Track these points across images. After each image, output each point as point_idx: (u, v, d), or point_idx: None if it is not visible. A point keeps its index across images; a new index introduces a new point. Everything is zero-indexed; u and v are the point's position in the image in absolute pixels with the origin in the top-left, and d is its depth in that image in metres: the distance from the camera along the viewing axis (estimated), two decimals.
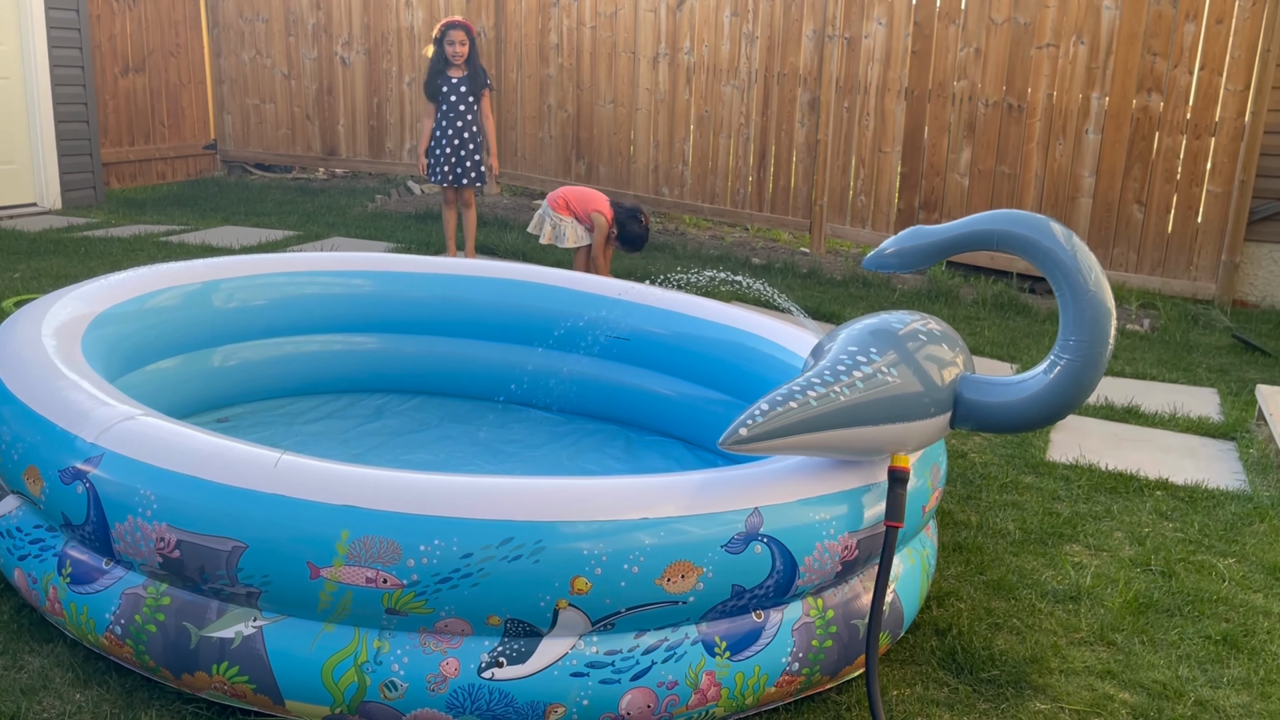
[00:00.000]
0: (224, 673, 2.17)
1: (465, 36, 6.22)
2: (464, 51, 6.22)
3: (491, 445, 3.70)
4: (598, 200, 6.01)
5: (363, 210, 8.66)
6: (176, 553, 2.15)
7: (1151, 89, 6.55)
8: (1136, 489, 3.80)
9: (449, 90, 6.29)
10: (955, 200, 7.27)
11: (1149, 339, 6.07)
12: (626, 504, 2.16)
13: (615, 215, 5.95)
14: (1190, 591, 3.07)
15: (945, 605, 2.92)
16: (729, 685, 2.24)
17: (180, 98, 9.92)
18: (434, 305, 3.97)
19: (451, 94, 6.30)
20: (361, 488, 2.12)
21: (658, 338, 3.77)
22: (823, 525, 2.29)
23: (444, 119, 6.31)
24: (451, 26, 6.24)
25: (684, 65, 8.33)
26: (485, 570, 2.06)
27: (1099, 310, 2.32)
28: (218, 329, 3.67)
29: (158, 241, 6.91)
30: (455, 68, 6.26)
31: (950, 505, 3.59)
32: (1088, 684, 2.60)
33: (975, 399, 2.40)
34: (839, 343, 2.42)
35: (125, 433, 2.30)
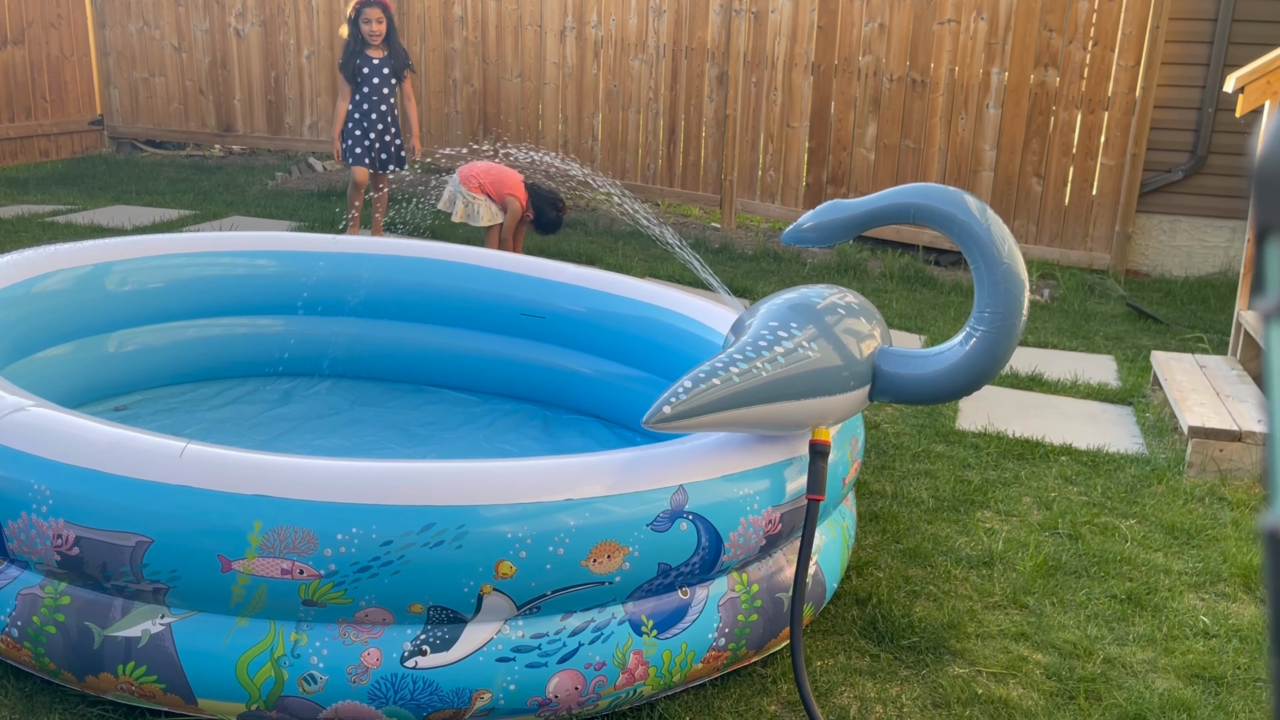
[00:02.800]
0: (131, 673, 2.07)
1: (382, 15, 5.81)
2: (381, 30, 5.84)
3: (406, 428, 3.61)
4: (512, 183, 5.90)
5: (262, 188, 8.37)
6: (76, 550, 2.04)
7: (1048, 64, 6.72)
8: (1042, 455, 3.92)
9: (370, 72, 5.89)
10: (862, 175, 7.37)
11: (1049, 308, 6.25)
12: (550, 485, 2.12)
13: (533, 201, 5.86)
14: (1096, 553, 3.18)
15: (865, 575, 2.97)
16: (656, 664, 2.23)
17: (63, 71, 9.42)
18: (342, 285, 3.85)
19: (373, 75, 5.90)
20: (274, 476, 2.04)
21: (574, 315, 3.73)
22: (746, 500, 2.29)
23: (364, 101, 5.91)
24: (367, 4, 5.81)
25: (591, 39, 8.24)
26: (406, 558, 2.00)
27: (1013, 281, 2.36)
28: (112, 313, 3.50)
29: (43, 222, 6.57)
30: (374, 48, 5.86)
31: (865, 476, 3.65)
32: (1003, 646, 2.67)
33: (893, 372, 2.42)
34: (759, 318, 2.41)
35: (15, 425, 2.17)
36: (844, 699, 2.42)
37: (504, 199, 5.81)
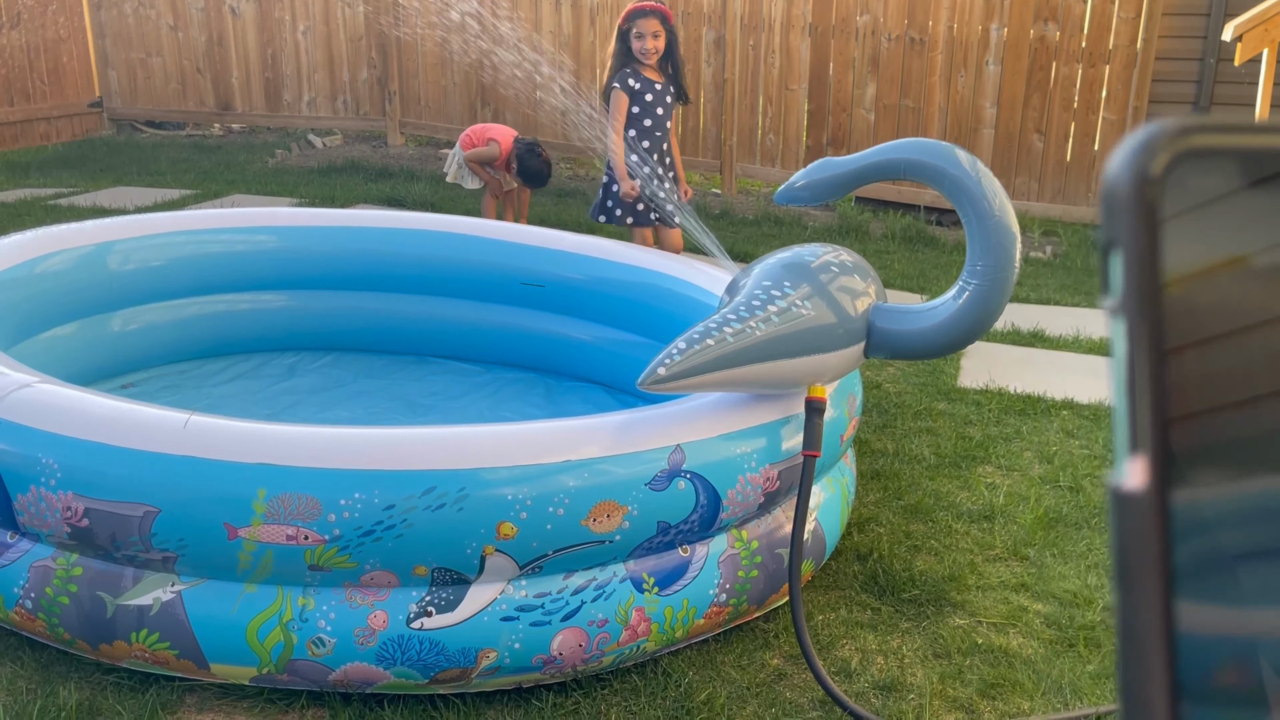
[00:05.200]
0: (144, 640, 2.12)
1: (661, 27, 4.40)
2: (659, 47, 4.42)
3: (410, 399, 3.65)
4: (497, 130, 5.85)
5: (263, 166, 8.38)
6: (85, 521, 2.08)
7: (1048, 18, 6.67)
8: (1044, 410, 3.93)
9: (654, 100, 4.43)
10: (862, 136, 7.33)
11: (1052, 265, 6.24)
12: (549, 447, 2.15)
13: (514, 150, 5.75)
14: (1096, 505, 3.20)
15: (866, 531, 3.00)
16: (659, 620, 2.27)
17: (60, 54, 9.41)
18: (343, 259, 3.87)
19: (657, 105, 4.44)
20: (277, 445, 2.08)
21: (573, 283, 3.75)
22: (744, 459, 2.32)
23: (644, 138, 4.51)
24: (642, 13, 4.40)
25: (587, 6, 8.19)
26: (409, 521, 2.04)
27: (1004, 235, 2.37)
28: (116, 292, 3.53)
29: (45, 205, 6.59)
30: (649, 69, 4.44)
31: (867, 434, 3.67)
32: (1003, 597, 2.71)
33: (888, 327, 2.44)
34: (753, 278, 2.43)
35: (22, 401, 2.20)
36: (845, 651, 2.46)
37: (486, 142, 5.74)
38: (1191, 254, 0.35)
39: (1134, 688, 0.34)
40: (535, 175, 5.72)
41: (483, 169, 5.79)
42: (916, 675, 2.38)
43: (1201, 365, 0.35)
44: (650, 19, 4.32)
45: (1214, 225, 0.36)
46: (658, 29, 4.33)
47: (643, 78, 4.37)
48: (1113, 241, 0.36)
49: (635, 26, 4.33)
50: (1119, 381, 0.35)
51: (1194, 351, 0.35)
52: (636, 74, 4.36)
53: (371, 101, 9.30)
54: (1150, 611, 0.34)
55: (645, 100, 4.39)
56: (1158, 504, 0.34)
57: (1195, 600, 0.34)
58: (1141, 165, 0.36)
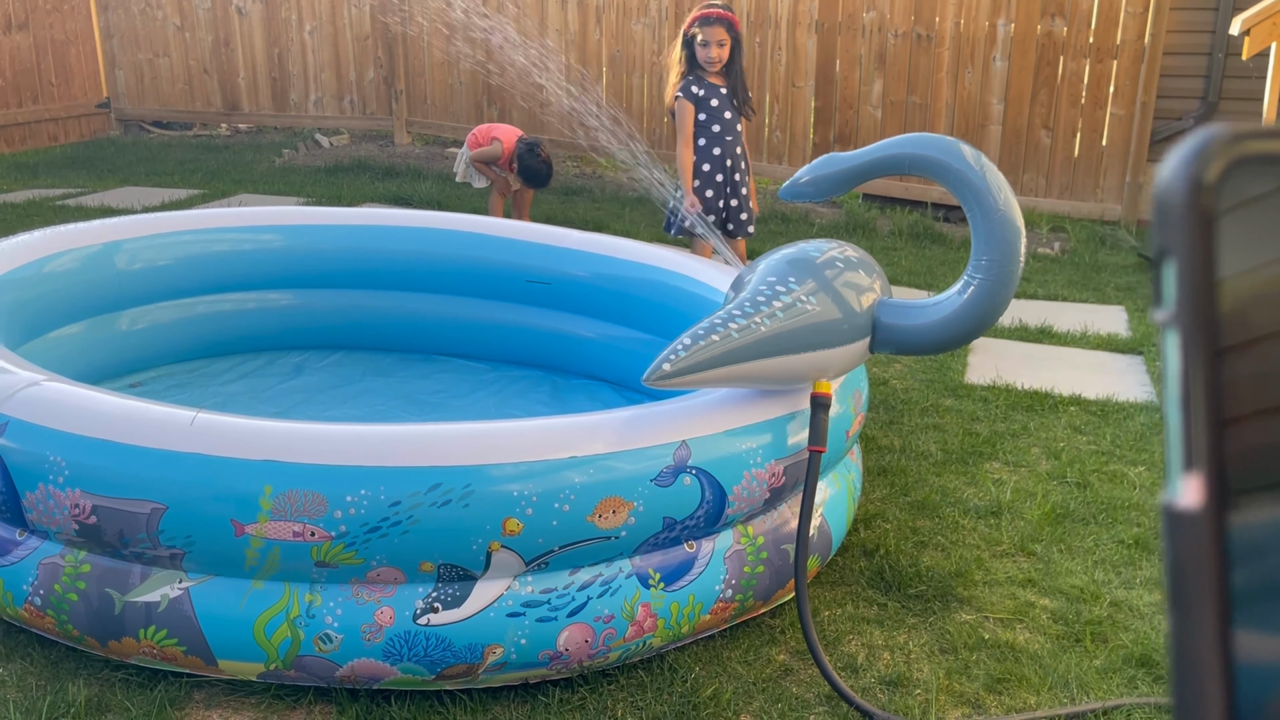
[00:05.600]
0: (152, 637, 2.13)
1: (726, 34, 4.19)
2: (724, 55, 4.21)
3: (416, 397, 3.65)
4: (501, 130, 5.86)
5: (270, 166, 8.40)
6: (93, 519, 2.09)
7: (1055, 13, 6.65)
8: (1051, 406, 3.92)
9: (720, 105, 4.24)
10: (869, 133, 7.31)
11: (1060, 261, 6.23)
12: (554, 443, 2.15)
13: (515, 149, 5.76)
14: (1104, 500, 3.19)
15: (872, 527, 3.00)
16: (665, 615, 2.27)
17: (68, 55, 9.45)
18: (349, 257, 3.88)
19: (724, 110, 4.26)
20: (283, 441, 2.08)
21: (578, 280, 3.75)
22: (749, 454, 2.32)
23: (714, 145, 4.31)
24: (708, 20, 4.17)
25: (593, 4, 8.19)
26: (415, 517, 2.04)
27: (1009, 229, 2.36)
28: (123, 291, 3.54)
29: (54, 206, 6.62)
30: (715, 76, 4.25)
31: (874, 431, 3.66)
32: (1010, 593, 2.70)
33: (893, 323, 2.43)
34: (758, 274, 2.43)
35: (30, 399, 2.21)
36: (852, 647, 2.46)
37: (490, 141, 5.76)
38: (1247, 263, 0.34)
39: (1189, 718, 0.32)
40: (535, 175, 5.72)
41: (488, 168, 5.80)
42: (923, 670, 2.38)
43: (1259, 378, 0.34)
44: (716, 26, 4.13)
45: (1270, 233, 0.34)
46: (723, 37, 4.14)
47: (706, 83, 4.20)
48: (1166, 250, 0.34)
49: (701, 33, 4.14)
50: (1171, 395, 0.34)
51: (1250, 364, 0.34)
52: (700, 81, 4.20)
53: (378, 101, 9.31)
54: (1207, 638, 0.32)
55: (711, 106, 4.21)
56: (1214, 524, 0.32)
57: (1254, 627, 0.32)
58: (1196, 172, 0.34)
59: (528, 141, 5.76)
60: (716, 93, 4.19)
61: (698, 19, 4.13)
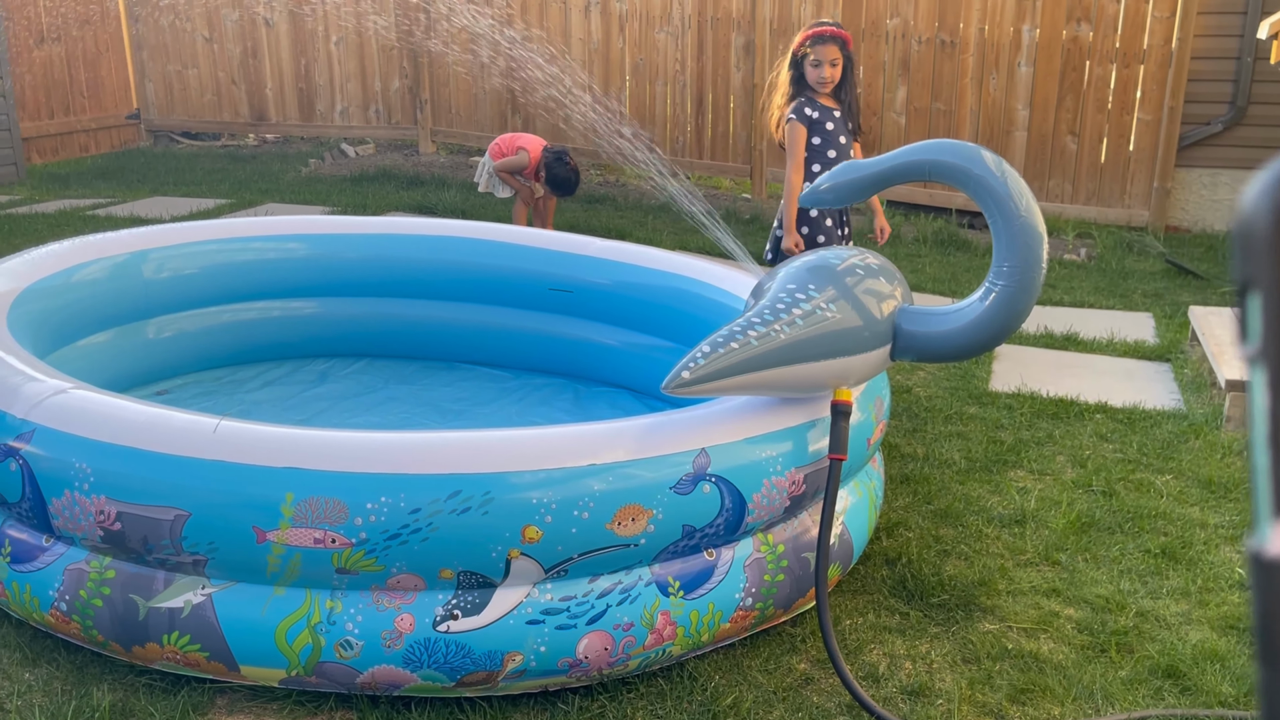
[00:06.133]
0: (175, 643, 2.15)
1: (839, 53, 3.83)
2: (836, 76, 3.85)
3: (439, 404, 3.67)
4: (526, 139, 5.90)
5: (296, 175, 8.48)
6: (117, 525, 2.11)
7: (1081, 19, 6.60)
8: (1077, 413, 3.88)
9: (835, 130, 3.87)
10: (893, 139, 7.29)
11: (1086, 268, 6.17)
12: (573, 451, 2.16)
13: (543, 158, 5.79)
14: (1130, 509, 3.16)
15: (894, 535, 2.98)
16: (684, 624, 2.26)
17: (99, 67, 9.58)
18: (373, 266, 3.91)
19: (839, 134, 3.88)
20: (304, 449, 2.10)
21: (600, 288, 3.76)
22: (769, 462, 2.31)
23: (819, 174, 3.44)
24: (821, 38, 3.80)
25: (616, 13, 8.21)
26: (434, 524, 2.05)
27: (1030, 235, 2.34)
28: (150, 300, 3.58)
29: (84, 215, 6.71)
30: (825, 98, 3.89)
31: (897, 439, 3.64)
32: (1034, 602, 2.67)
33: (914, 330, 2.42)
34: (778, 281, 2.42)
35: (57, 407, 2.24)
36: (873, 656, 2.44)
37: (515, 150, 5.79)
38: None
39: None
40: (563, 183, 5.76)
41: (513, 178, 5.83)
42: (945, 680, 2.36)
43: None
44: (830, 45, 3.81)
45: None
46: (836, 56, 3.82)
47: (820, 106, 3.87)
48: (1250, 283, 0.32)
49: (813, 53, 3.81)
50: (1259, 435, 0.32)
51: None
52: (813, 102, 3.87)
53: (403, 110, 9.38)
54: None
55: (826, 130, 3.85)
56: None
57: None
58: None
59: (555, 150, 5.79)
60: (830, 115, 3.87)
61: (809, 37, 3.82)
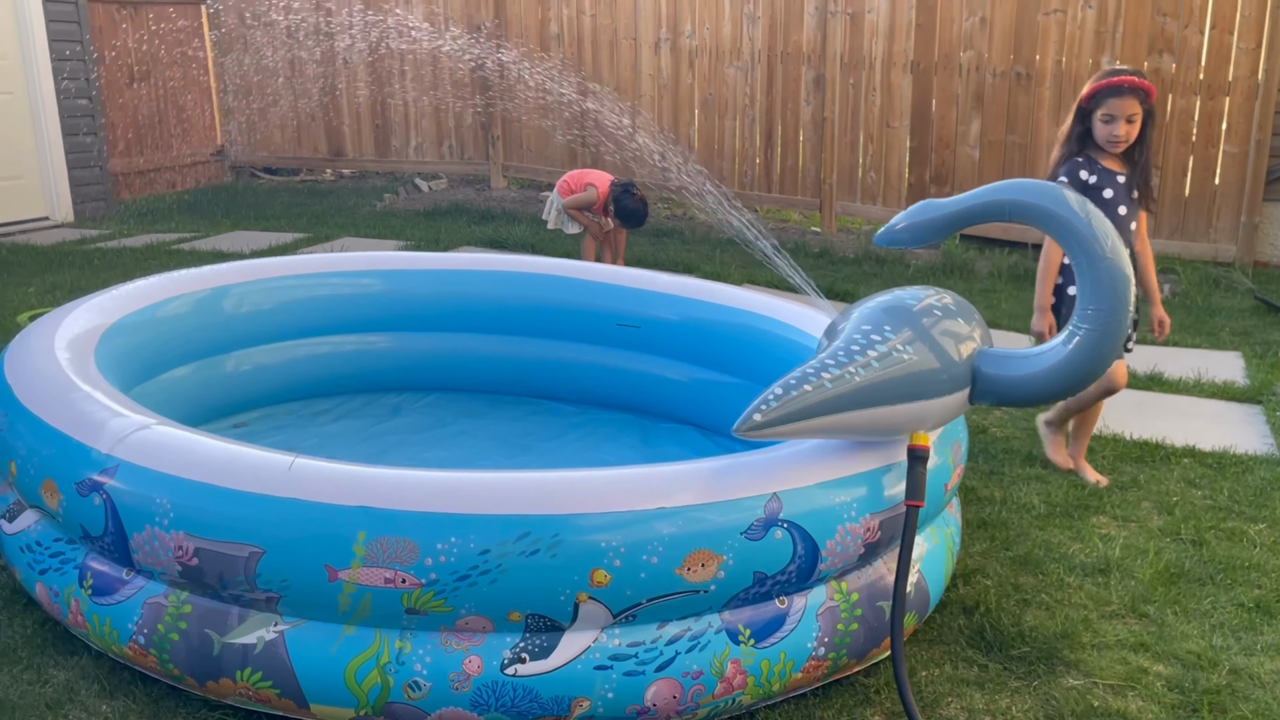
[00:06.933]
0: (248, 679, 2.16)
1: (1138, 107, 3.31)
2: (1131, 134, 3.34)
3: (508, 439, 3.68)
4: (594, 175, 5.94)
5: (371, 210, 8.65)
6: (195, 560, 2.14)
7: (1163, 50, 6.46)
8: (1163, 457, 3.75)
9: (1115, 197, 3.36)
10: (966, 173, 7.19)
11: (1170, 304, 5.98)
12: (643, 494, 2.13)
13: (611, 192, 5.83)
14: (1222, 559, 3.03)
15: (972, 583, 2.89)
16: (755, 673, 2.21)
17: (186, 105, 9.93)
18: (445, 301, 3.95)
19: (1119, 203, 3.37)
20: (376, 488, 2.11)
21: (668, 323, 3.75)
22: (843, 508, 2.26)
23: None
24: (1117, 90, 3.28)
25: (686, 49, 8.27)
26: (503, 566, 2.04)
27: (1117, 277, 2.27)
28: (230, 334, 3.66)
29: (169, 250, 6.92)
30: (1109, 157, 3.37)
31: (973, 481, 3.55)
32: (1121, 657, 2.57)
33: (994, 373, 2.36)
34: (852, 322, 2.38)
35: (140, 442, 2.29)
36: (951, 710, 2.36)
37: (584, 187, 5.84)
38: None
39: None
40: (632, 215, 5.80)
41: (582, 214, 5.87)
42: None
43: None
44: (1128, 98, 3.26)
45: None
46: (1134, 110, 3.28)
47: (1100, 168, 3.33)
48: None
49: (1104, 107, 3.28)
50: None
51: None
52: (1092, 164, 3.34)
53: (475, 145, 9.54)
54: None
55: (1103, 198, 3.32)
56: None
57: None
58: None
59: (623, 184, 5.83)
60: (1112, 181, 3.33)
61: (1102, 88, 3.27)
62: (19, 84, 7.83)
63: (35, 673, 2.38)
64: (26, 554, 2.51)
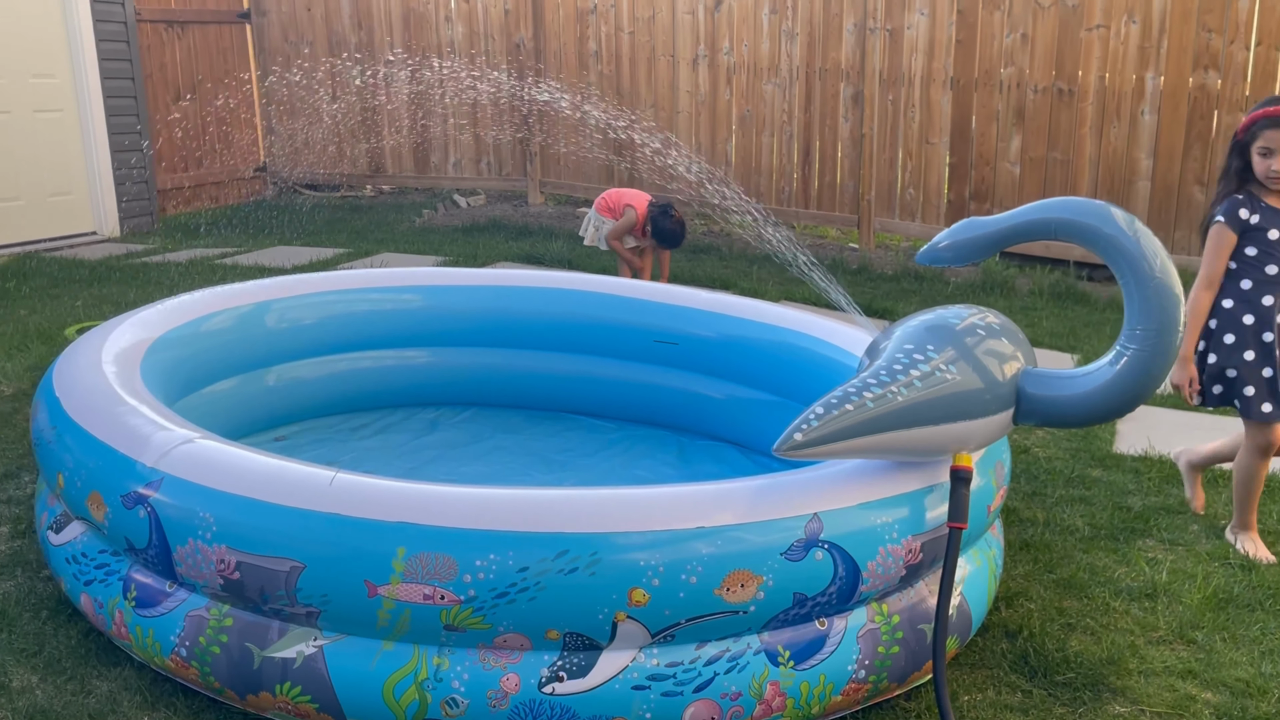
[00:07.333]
0: (287, 693, 2.17)
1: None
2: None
3: (544, 454, 3.68)
4: (632, 195, 5.95)
5: (410, 225, 8.73)
6: (236, 574, 2.16)
7: (1208, 66, 6.37)
8: (1210, 480, 3.67)
9: (1274, 244, 3.08)
10: (1007, 189, 7.13)
11: None
12: (682, 513, 2.12)
13: (648, 212, 5.84)
14: (1272, 585, 2.96)
15: (1015, 606, 2.84)
16: (794, 695, 2.19)
17: (230, 122, 10.09)
18: (483, 317, 3.97)
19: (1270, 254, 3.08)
20: (415, 504, 2.11)
21: (706, 340, 3.74)
22: (885, 529, 2.23)
23: (1265, 291, 3.10)
24: (1273, 123, 2.99)
25: (724, 66, 8.28)
26: (542, 584, 2.03)
27: (1166, 297, 2.23)
28: (271, 349, 3.70)
29: (213, 264, 7.02)
30: (1273, 194, 3.09)
31: (1015, 502, 3.50)
32: (1168, 684, 2.51)
33: (1039, 394, 2.32)
34: (894, 341, 2.36)
35: (184, 456, 2.31)
36: None
37: (622, 209, 5.86)
38: None
39: None
40: (670, 236, 5.83)
41: (621, 245, 5.91)
42: None
43: None
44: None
45: None
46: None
47: (1263, 206, 3.07)
48: None
49: (1261, 139, 3.01)
50: None
51: None
52: (1254, 201, 3.07)
53: (513, 162, 9.60)
54: None
55: (1267, 240, 3.06)
56: None
57: None
58: None
59: (660, 205, 5.85)
60: (1277, 220, 3.07)
61: (1259, 119, 3.01)
62: (69, 102, 7.99)
63: (79, 683, 2.41)
64: (72, 565, 2.55)
